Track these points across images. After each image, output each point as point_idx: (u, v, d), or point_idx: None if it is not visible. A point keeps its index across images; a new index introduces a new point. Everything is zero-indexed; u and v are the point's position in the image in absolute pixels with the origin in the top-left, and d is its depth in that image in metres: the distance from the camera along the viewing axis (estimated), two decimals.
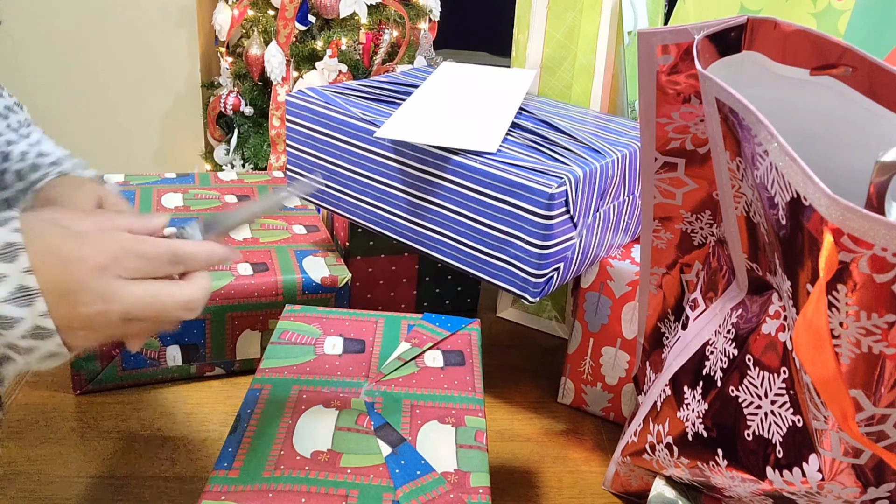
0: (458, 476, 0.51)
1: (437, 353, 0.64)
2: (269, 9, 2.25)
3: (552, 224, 0.64)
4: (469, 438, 0.55)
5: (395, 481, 0.50)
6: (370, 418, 0.56)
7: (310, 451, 0.52)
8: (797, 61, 0.52)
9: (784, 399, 0.47)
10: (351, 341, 0.65)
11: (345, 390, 0.59)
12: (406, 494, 0.49)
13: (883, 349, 0.39)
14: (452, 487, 0.50)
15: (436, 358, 0.64)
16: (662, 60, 0.52)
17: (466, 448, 0.54)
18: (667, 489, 0.60)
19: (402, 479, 0.50)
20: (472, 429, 0.56)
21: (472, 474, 0.51)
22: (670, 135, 0.56)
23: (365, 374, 0.61)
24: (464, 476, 0.51)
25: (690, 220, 0.60)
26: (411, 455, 0.53)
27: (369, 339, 0.66)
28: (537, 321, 0.97)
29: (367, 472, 0.51)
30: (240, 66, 2.34)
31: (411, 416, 0.57)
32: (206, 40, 2.59)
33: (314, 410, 0.56)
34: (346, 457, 0.52)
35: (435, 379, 0.61)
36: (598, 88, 0.88)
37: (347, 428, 0.55)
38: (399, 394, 0.59)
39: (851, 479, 0.43)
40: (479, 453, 0.54)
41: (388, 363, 0.63)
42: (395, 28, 2.29)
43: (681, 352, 0.59)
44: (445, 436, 0.55)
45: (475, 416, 0.57)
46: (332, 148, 0.76)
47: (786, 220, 0.43)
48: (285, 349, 0.63)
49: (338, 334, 0.66)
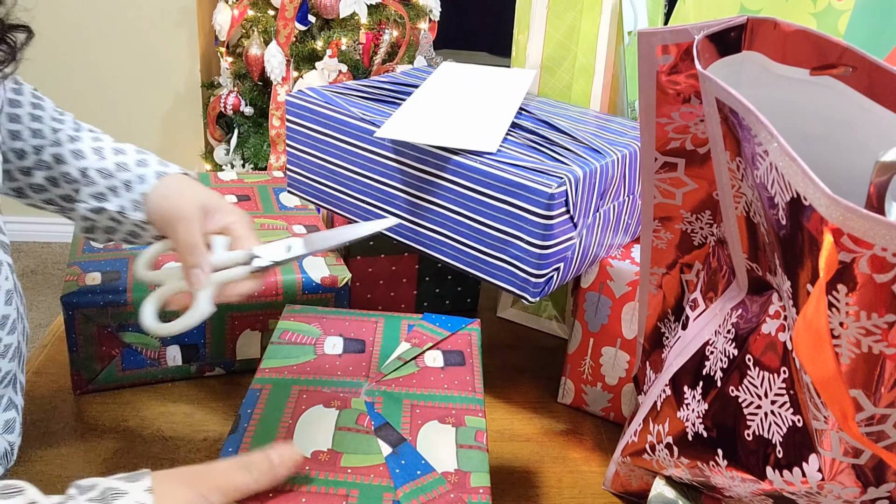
0: (458, 476, 0.51)
1: (438, 353, 0.64)
2: (269, 9, 2.25)
3: (552, 224, 0.64)
4: (469, 438, 0.55)
5: (395, 481, 0.50)
6: (370, 418, 0.56)
7: (310, 451, 0.52)
8: (797, 61, 0.52)
9: (784, 399, 0.47)
10: (351, 341, 0.65)
11: (345, 390, 0.59)
12: (406, 494, 0.49)
13: (883, 349, 0.39)
14: (453, 487, 0.50)
15: (436, 358, 0.64)
16: (662, 60, 0.52)
17: (467, 448, 0.54)
18: (667, 489, 0.60)
19: (402, 479, 0.50)
20: (473, 429, 0.56)
21: (472, 474, 0.51)
22: (670, 135, 0.56)
23: (365, 374, 0.61)
24: (464, 476, 0.51)
25: (690, 220, 0.60)
26: (411, 455, 0.53)
27: (369, 339, 0.66)
28: (537, 321, 0.97)
29: (367, 471, 0.51)
30: (240, 66, 2.34)
31: (411, 415, 0.57)
32: (206, 40, 2.59)
33: (314, 410, 0.56)
34: (347, 456, 0.52)
35: (435, 379, 0.61)
36: (598, 88, 0.88)
37: (348, 428, 0.55)
38: (399, 394, 0.59)
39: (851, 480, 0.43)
40: (479, 453, 0.54)
41: (388, 363, 0.63)
42: (395, 28, 2.29)
43: (681, 352, 0.59)
44: (445, 436, 0.55)
45: (475, 416, 0.57)
46: (332, 148, 0.76)
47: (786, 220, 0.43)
48: (285, 349, 0.63)
49: (338, 334, 0.66)
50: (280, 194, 0.99)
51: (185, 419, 0.74)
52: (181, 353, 0.78)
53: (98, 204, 0.64)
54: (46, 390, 0.76)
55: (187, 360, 0.79)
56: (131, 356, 0.76)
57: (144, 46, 2.51)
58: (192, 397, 0.77)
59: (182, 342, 0.78)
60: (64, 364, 0.80)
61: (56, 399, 0.75)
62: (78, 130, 0.67)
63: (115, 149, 0.66)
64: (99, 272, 0.76)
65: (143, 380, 0.78)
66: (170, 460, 0.69)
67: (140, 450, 0.70)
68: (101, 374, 0.76)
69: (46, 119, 0.65)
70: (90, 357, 0.75)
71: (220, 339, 0.79)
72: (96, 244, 0.78)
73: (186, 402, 0.77)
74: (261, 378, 0.60)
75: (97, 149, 0.66)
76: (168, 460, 0.69)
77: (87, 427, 0.72)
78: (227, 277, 0.61)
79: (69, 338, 0.74)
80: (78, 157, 0.65)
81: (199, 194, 0.63)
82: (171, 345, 0.77)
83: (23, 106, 0.64)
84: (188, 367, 0.79)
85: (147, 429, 0.73)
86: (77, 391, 0.76)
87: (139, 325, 0.61)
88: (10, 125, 0.63)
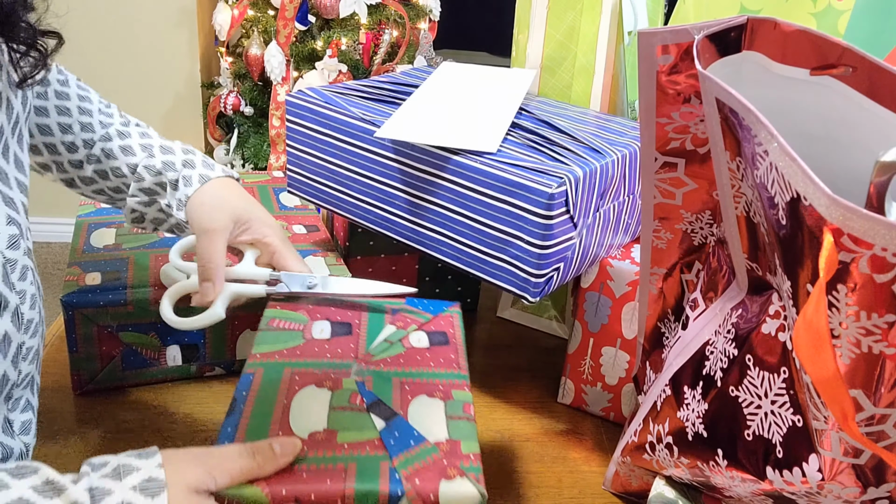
0: (449, 445, 0.53)
1: (422, 334, 0.66)
2: (269, 9, 2.25)
3: (552, 224, 0.64)
4: (458, 410, 0.57)
5: (390, 451, 0.52)
6: (362, 396, 0.58)
7: (307, 432, 0.54)
8: (797, 61, 0.52)
9: (784, 399, 0.47)
10: (338, 325, 0.66)
11: (336, 371, 0.61)
12: (402, 462, 0.51)
13: (883, 349, 0.39)
14: (445, 455, 0.52)
15: (420, 339, 0.66)
16: (662, 60, 0.52)
17: (456, 419, 0.56)
18: (667, 489, 0.60)
19: (397, 450, 0.52)
20: (460, 402, 0.58)
21: (462, 442, 0.54)
22: (670, 135, 0.56)
23: (354, 356, 0.62)
24: (455, 444, 0.53)
25: (690, 220, 0.60)
26: (404, 427, 0.55)
27: (355, 322, 0.67)
28: (537, 321, 0.97)
29: (363, 446, 0.53)
30: (240, 66, 2.34)
31: (401, 392, 0.59)
32: (206, 40, 2.59)
33: (307, 391, 0.58)
34: (342, 433, 0.54)
35: (421, 358, 0.63)
36: (598, 88, 0.88)
37: (341, 407, 0.56)
38: (388, 372, 0.61)
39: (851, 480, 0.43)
40: (468, 423, 0.56)
41: (375, 345, 0.64)
42: (395, 28, 2.29)
43: (681, 352, 0.59)
44: (435, 409, 0.57)
45: (461, 390, 0.59)
46: (332, 148, 0.76)
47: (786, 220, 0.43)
48: (274, 335, 0.64)
49: (324, 319, 0.67)
50: (280, 194, 0.99)
51: (185, 419, 0.74)
52: (181, 353, 0.78)
53: (146, 198, 0.68)
54: (46, 390, 0.76)
55: (187, 360, 0.79)
56: (131, 356, 0.76)
57: (144, 46, 2.51)
58: (191, 397, 0.77)
59: (182, 342, 0.78)
60: (64, 364, 0.80)
61: (56, 399, 0.75)
62: (126, 125, 0.70)
63: (163, 147, 0.69)
64: (99, 272, 0.76)
65: (143, 380, 0.78)
66: None
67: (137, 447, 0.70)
68: (101, 374, 0.76)
69: (95, 113, 0.68)
70: (90, 357, 0.75)
71: (220, 339, 0.79)
72: (143, 232, 0.82)
73: (186, 402, 0.77)
74: (253, 363, 0.61)
75: (145, 146, 0.69)
76: None
77: (87, 427, 0.72)
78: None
79: (69, 338, 0.74)
80: (127, 154, 0.68)
81: (236, 203, 0.67)
82: (171, 345, 0.77)
83: (71, 98, 0.67)
84: (188, 367, 0.79)
85: (147, 429, 0.73)
86: (77, 391, 0.76)
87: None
88: (59, 118, 0.65)
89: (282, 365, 0.61)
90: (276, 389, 0.58)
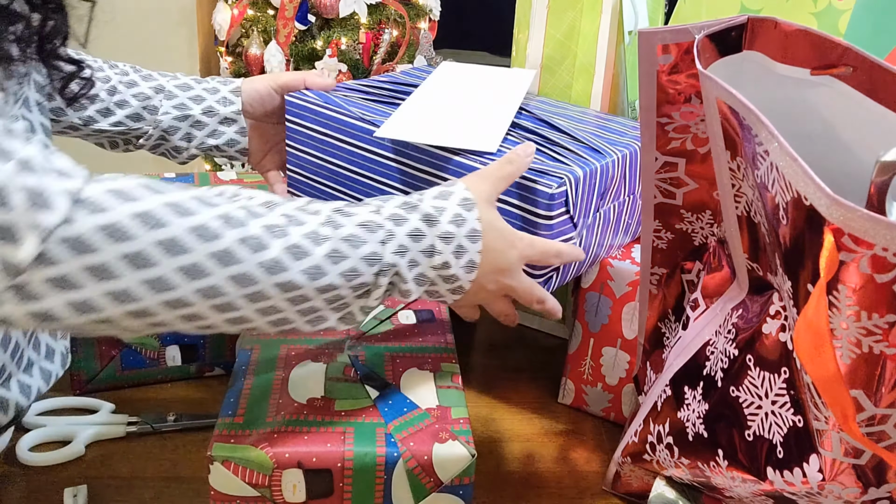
0: (440, 411, 0.58)
1: (410, 313, 0.71)
2: (269, 8, 2.25)
3: (552, 224, 0.63)
4: (446, 380, 0.62)
5: (385, 418, 0.56)
6: (356, 369, 0.62)
7: (305, 398, 0.58)
8: (797, 61, 0.52)
9: (784, 399, 0.47)
10: None
11: (329, 346, 0.65)
12: (396, 427, 0.56)
13: (883, 349, 0.39)
14: (436, 420, 0.57)
15: (408, 316, 0.70)
16: (663, 60, 0.52)
17: (445, 388, 0.61)
18: (667, 489, 0.60)
19: (391, 416, 0.57)
20: (448, 373, 0.63)
21: (452, 409, 0.58)
22: (671, 134, 0.56)
23: (346, 333, 0.67)
24: (445, 410, 0.58)
25: (691, 220, 0.60)
26: (397, 396, 0.59)
27: None
28: (537, 321, 0.97)
29: (359, 413, 0.57)
30: (239, 66, 2.34)
31: (392, 365, 0.63)
32: (205, 40, 2.59)
33: (304, 365, 0.62)
34: (339, 402, 0.58)
35: (410, 334, 0.68)
36: (598, 88, 0.88)
37: (337, 378, 0.61)
38: (380, 347, 0.65)
39: (852, 480, 0.43)
40: (456, 392, 0.60)
41: (365, 322, 0.68)
42: (395, 28, 2.29)
43: (681, 352, 0.59)
44: (425, 379, 0.62)
45: (449, 363, 0.64)
46: (332, 148, 0.76)
47: (786, 221, 0.43)
48: None
49: None
50: None
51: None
52: (181, 353, 0.78)
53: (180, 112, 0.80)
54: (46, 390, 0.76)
55: (187, 361, 0.79)
56: (131, 356, 0.76)
57: (144, 46, 2.51)
58: (191, 397, 0.77)
59: (182, 342, 0.78)
60: None
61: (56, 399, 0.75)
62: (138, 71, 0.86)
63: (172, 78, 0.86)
64: None
65: (142, 380, 0.78)
66: (170, 460, 0.69)
67: (140, 450, 0.70)
68: (101, 374, 0.76)
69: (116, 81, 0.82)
70: (90, 357, 0.75)
71: (219, 339, 0.79)
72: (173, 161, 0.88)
73: (186, 402, 0.77)
74: (248, 339, 0.65)
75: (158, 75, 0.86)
76: (168, 461, 0.69)
77: None
78: None
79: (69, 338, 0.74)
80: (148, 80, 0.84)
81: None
82: (170, 345, 0.77)
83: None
84: (188, 367, 0.79)
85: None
86: (77, 391, 0.76)
87: None
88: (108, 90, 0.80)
89: (277, 342, 0.65)
90: (273, 364, 0.62)
